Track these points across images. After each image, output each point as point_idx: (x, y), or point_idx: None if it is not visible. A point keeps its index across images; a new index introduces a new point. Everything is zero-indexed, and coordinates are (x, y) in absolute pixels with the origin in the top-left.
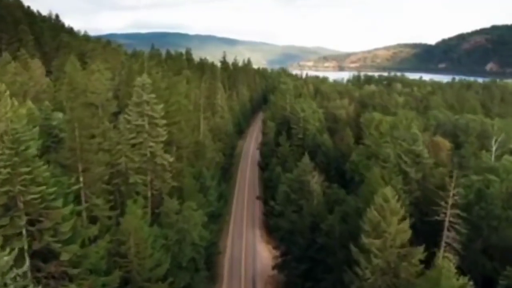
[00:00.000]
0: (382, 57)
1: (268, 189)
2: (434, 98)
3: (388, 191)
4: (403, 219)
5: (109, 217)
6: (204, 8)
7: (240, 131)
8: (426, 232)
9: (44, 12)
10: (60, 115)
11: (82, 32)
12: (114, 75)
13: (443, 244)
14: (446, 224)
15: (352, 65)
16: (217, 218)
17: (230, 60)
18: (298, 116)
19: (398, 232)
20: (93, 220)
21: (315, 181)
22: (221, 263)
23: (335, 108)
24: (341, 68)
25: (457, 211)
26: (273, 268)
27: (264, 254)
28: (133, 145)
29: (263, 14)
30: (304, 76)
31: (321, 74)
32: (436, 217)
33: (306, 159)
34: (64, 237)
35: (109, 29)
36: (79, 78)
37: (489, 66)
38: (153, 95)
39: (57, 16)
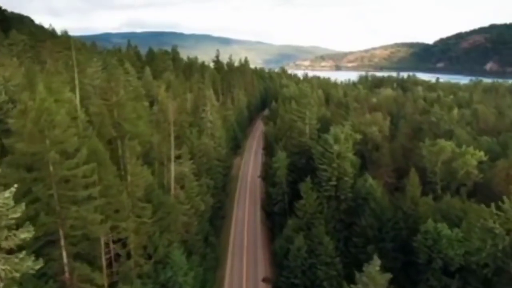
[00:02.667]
0: (379, 57)
1: (283, 269)
2: (481, 109)
3: None
4: None
5: None
6: (200, 8)
7: (236, 145)
8: None
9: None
10: None
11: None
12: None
13: None
14: None
15: (349, 64)
16: None
17: (224, 59)
18: (329, 151)
19: None
20: None
21: None
22: None
23: (364, 125)
24: (338, 68)
25: None
26: None
27: None
28: None
29: (258, 13)
30: (304, 76)
31: (318, 73)
32: None
33: (374, 266)
34: None
35: (104, 29)
36: None
37: (489, 65)
38: None
39: None
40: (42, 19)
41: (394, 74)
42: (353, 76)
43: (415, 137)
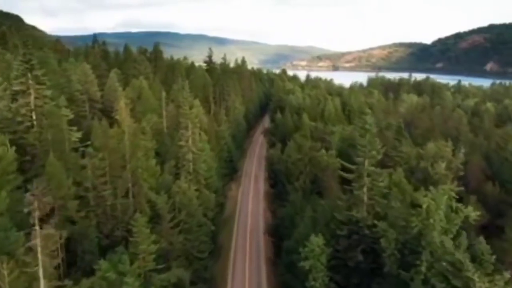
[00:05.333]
0: (377, 57)
1: None
2: None
3: None
4: None
5: None
6: (195, 7)
7: (232, 168)
8: None
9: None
10: None
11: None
12: None
13: None
14: None
15: (347, 64)
16: None
17: (219, 59)
18: (462, 274)
19: None
20: None
21: None
22: None
23: (425, 159)
24: (335, 68)
25: None
26: None
27: None
28: None
29: (254, 13)
30: (307, 78)
31: (315, 74)
32: None
33: None
34: None
35: (99, 29)
36: None
37: (489, 65)
38: None
39: None
40: (36, 19)
41: (405, 75)
42: (352, 76)
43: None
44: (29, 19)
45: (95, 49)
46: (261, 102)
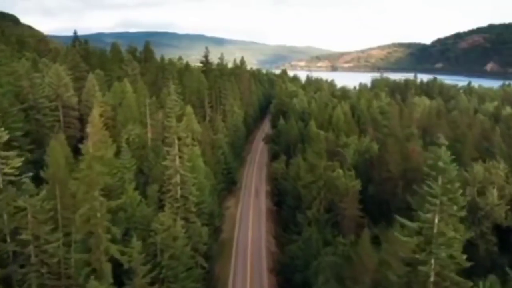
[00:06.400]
0: (376, 57)
1: None
2: None
3: None
4: None
5: None
6: (194, 7)
7: (230, 180)
8: None
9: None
10: None
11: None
12: None
13: None
14: None
15: (346, 65)
16: None
17: (216, 59)
18: None
19: None
20: None
21: None
22: None
23: (472, 184)
24: (334, 68)
25: None
26: None
27: None
28: None
29: (253, 13)
30: (309, 79)
31: (315, 74)
32: None
33: None
34: None
35: (97, 29)
36: None
37: (489, 66)
38: None
39: None
40: (35, 19)
41: (406, 75)
42: (352, 77)
43: None
44: (28, 19)
45: (75, 48)
46: (261, 105)
